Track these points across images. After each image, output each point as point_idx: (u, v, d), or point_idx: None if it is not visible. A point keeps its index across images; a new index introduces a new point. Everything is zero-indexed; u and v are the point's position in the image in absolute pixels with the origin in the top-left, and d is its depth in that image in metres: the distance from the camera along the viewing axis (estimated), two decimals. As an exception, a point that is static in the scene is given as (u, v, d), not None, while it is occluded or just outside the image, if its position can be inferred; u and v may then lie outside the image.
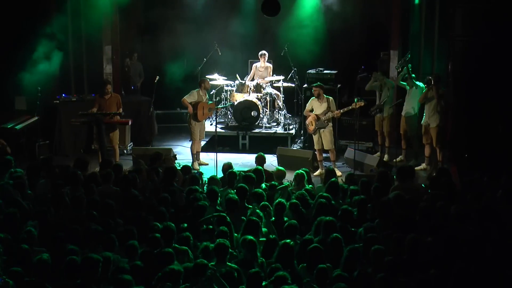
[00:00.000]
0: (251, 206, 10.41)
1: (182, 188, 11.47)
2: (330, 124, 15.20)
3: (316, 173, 15.17)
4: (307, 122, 15.42)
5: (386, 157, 16.05)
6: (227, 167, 12.63)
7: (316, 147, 15.42)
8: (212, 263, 8.31)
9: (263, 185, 11.69)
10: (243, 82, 17.95)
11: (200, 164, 15.80)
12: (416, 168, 14.58)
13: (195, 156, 15.94)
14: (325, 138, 15.19)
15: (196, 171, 13.44)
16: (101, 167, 12.81)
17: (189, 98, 15.80)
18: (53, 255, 8.37)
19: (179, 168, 12.96)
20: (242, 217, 9.89)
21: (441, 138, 15.07)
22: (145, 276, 8.15)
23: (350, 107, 15.05)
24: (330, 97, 15.34)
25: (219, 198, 10.91)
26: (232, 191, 11.03)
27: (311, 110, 15.28)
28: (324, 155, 15.59)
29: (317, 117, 15.10)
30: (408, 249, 8.49)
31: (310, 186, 12.11)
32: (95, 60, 18.00)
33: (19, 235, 8.97)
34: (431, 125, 15.03)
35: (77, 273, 7.94)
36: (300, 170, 12.32)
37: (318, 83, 15.42)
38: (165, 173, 11.77)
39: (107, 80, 15.70)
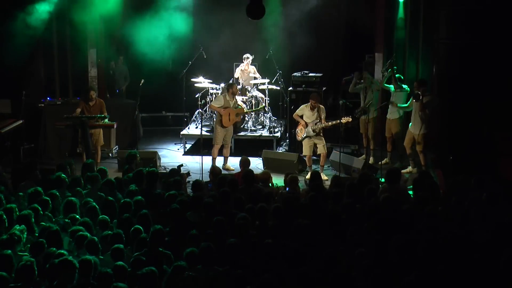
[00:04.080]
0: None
1: (164, 191, 11.46)
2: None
3: (308, 176, 15.14)
4: (297, 129, 15.44)
5: (371, 160, 16.10)
6: (217, 170, 12.73)
7: (305, 153, 15.42)
8: (198, 267, 8.34)
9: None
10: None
11: (226, 169, 15.66)
12: (402, 171, 14.64)
13: (215, 161, 15.75)
14: (319, 144, 15.23)
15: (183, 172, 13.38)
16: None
17: (216, 103, 15.78)
18: (38, 259, 8.34)
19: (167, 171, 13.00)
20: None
21: (425, 144, 15.12)
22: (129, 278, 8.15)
23: (338, 121, 15.07)
24: (321, 105, 15.38)
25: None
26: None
27: (301, 116, 15.31)
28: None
29: (307, 125, 15.16)
30: (392, 252, 8.50)
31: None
32: (80, 63, 17.95)
33: (4, 238, 8.92)
34: (414, 132, 15.04)
35: (55, 275, 7.93)
36: (294, 174, 12.37)
37: (317, 94, 15.56)
38: (147, 176, 11.76)
39: (91, 87, 15.63)
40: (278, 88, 18.19)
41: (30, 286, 7.89)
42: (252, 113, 17.81)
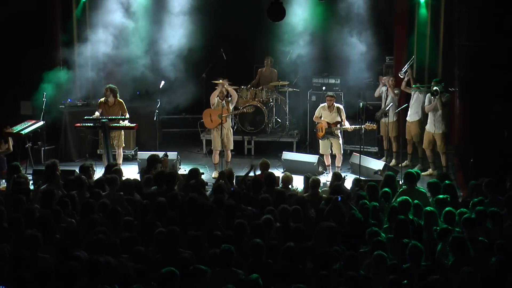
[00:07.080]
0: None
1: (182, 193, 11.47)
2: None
3: (329, 178, 15.12)
4: (317, 127, 15.47)
5: (393, 162, 16.09)
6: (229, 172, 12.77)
7: (322, 151, 15.46)
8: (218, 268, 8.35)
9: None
10: (249, 87, 17.97)
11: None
12: (422, 173, 14.58)
13: (216, 167, 15.75)
14: (335, 143, 15.28)
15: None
16: (106, 172, 12.86)
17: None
18: (58, 260, 8.36)
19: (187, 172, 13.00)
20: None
21: (445, 144, 15.10)
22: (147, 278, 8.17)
23: (363, 127, 15.06)
24: (340, 105, 15.42)
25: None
26: None
27: (320, 117, 15.35)
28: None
29: (328, 125, 15.17)
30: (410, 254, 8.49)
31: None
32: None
33: (24, 240, 8.96)
34: (436, 132, 15.04)
35: (80, 277, 7.94)
36: (315, 176, 12.35)
37: (332, 93, 15.63)
38: (165, 178, 11.78)
39: (110, 87, 15.62)
40: (298, 90, 18.18)
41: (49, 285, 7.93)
42: (270, 115, 17.84)
